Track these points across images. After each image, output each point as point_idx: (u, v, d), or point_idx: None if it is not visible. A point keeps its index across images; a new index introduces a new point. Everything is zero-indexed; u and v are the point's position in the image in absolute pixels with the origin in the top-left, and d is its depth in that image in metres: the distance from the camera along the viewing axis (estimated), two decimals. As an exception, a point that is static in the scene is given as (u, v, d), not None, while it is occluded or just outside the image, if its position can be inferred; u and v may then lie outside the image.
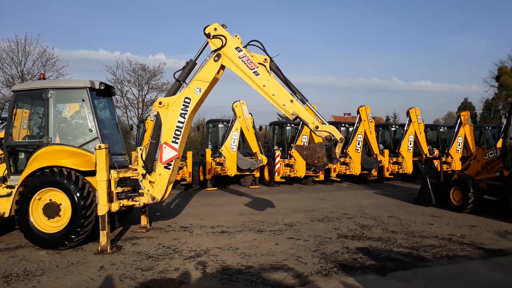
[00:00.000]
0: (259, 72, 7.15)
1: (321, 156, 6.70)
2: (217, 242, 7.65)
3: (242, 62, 7.20)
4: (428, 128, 21.54)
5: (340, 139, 6.84)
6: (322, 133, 6.88)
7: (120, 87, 38.85)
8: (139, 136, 18.47)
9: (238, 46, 7.25)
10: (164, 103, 7.40)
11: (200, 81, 7.37)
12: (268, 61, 7.27)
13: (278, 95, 7.07)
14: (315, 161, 6.77)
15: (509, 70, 45.42)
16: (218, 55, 7.27)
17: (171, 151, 7.40)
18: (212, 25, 7.32)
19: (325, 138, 6.83)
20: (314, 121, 7.00)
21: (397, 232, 8.42)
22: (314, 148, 6.77)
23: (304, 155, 6.87)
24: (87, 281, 5.49)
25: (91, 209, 7.09)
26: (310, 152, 6.79)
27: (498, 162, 10.88)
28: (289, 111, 7.02)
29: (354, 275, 5.64)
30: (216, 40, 7.28)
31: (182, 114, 7.37)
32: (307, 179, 18.67)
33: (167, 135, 7.40)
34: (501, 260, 6.45)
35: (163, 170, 7.48)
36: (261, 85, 7.12)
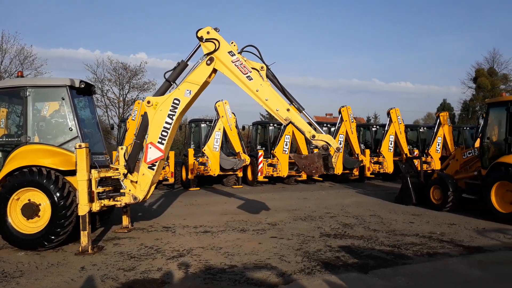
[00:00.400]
0: (252, 76, 7.10)
1: (319, 166, 6.70)
2: (200, 242, 7.61)
3: (235, 66, 7.14)
4: (408, 128, 21.86)
5: (337, 149, 6.84)
6: (318, 142, 6.87)
7: (101, 86, 38.35)
8: (120, 136, 18.23)
9: (231, 50, 7.19)
10: (153, 103, 7.29)
11: (191, 84, 7.28)
12: (265, 69, 7.23)
13: (271, 100, 7.05)
14: (313, 171, 6.77)
15: (486, 72, 46.48)
16: (211, 59, 7.19)
17: (156, 151, 7.31)
18: (204, 29, 7.24)
19: (321, 147, 6.82)
20: (310, 130, 6.98)
21: (379, 231, 8.52)
22: (312, 158, 6.76)
23: (302, 164, 6.85)
24: (67, 282, 5.39)
25: (72, 209, 6.96)
26: (308, 162, 6.78)
27: (476, 161, 11.12)
28: (282, 116, 7.00)
29: (337, 273, 5.68)
30: (209, 44, 7.21)
31: (170, 115, 7.27)
32: (290, 178, 18.73)
33: (153, 135, 7.29)
34: (479, 257, 6.59)
35: (147, 170, 7.39)
36: (254, 89, 7.08)
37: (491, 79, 45.23)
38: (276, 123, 19.75)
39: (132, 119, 15.94)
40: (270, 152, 18.19)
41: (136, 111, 15.94)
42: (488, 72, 46.41)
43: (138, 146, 7.85)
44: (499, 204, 9.51)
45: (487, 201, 9.66)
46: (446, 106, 51.23)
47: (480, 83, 45.43)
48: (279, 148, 17.53)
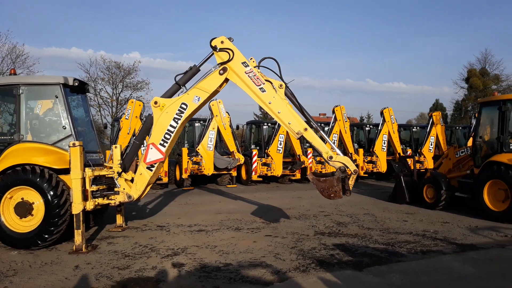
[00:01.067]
0: (265, 88, 7.07)
1: (337, 190, 6.66)
2: (194, 240, 7.60)
3: (249, 77, 7.10)
4: (401, 128, 22.00)
5: (354, 171, 6.81)
6: (336, 163, 6.85)
7: (94, 85, 38.20)
8: (114, 135, 18.15)
9: (245, 61, 7.14)
10: (160, 104, 7.22)
11: (201, 91, 7.22)
12: (284, 87, 7.20)
13: (283, 113, 7.02)
14: (332, 195, 6.71)
15: (478, 72, 46.86)
16: (224, 69, 7.13)
17: (157, 153, 7.27)
18: (218, 38, 7.17)
19: (339, 169, 6.80)
20: (328, 151, 6.95)
21: (373, 229, 8.56)
22: (331, 182, 6.70)
23: (321, 188, 6.79)
24: (61, 281, 5.36)
25: (65, 207, 6.93)
26: (327, 186, 6.72)
27: (468, 160, 11.21)
28: (294, 130, 6.98)
29: (332, 271, 5.70)
30: (223, 54, 7.14)
31: (175, 119, 7.21)
32: (284, 178, 18.77)
33: (156, 137, 7.24)
34: (472, 254, 6.65)
35: (145, 170, 7.35)
36: (267, 102, 7.04)
37: (483, 79, 45.65)
38: (270, 122, 19.77)
39: (126, 118, 15.86)
40: (264, 152, 18.21)
41: (130, 110, 15.88)
42: (480, 73, 46.80)
43: (137, 147, 7.86)
44: (491, 203, 9.60)
45: (480, 199, 9.74)
46: (439, 106, 51.57)
47: (472, 83, 45.83)
48: (273, 148, 17.55)
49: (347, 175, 6.80)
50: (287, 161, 18.49)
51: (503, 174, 9.35)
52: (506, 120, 9.82)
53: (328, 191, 6.74)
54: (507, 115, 9.82)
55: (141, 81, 40.26)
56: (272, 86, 7.14)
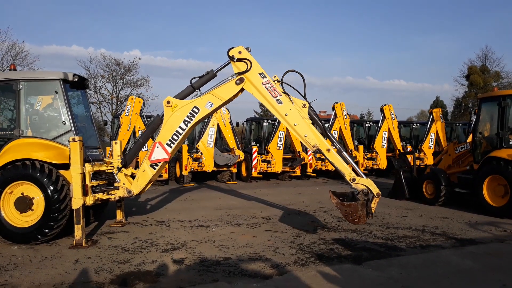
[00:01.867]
0: (282, 100, 7.04)
1: (362, 216, 6.61)
2: (194, 235, 7.62)
3: (266, 88, 7.07)
4: (401, 124, 21.99)
5: (377, 194, 6.78)
6: (358, 186, 6.84)
7: (94, 82, 38.17)
8: (114, 132, 18.16)
9: (262, 72, 7.11)
10: (172, 104, 7.19)
11: (215, 97, 7.18)
12: (307, 107, 7.18)
13: (300, 125, 6.99)
14: (356, 220, 6.67)
15: (478, 69, 46.78)
16: (241, 79, 7.07)
17: (162, 152, 7.27)
18: (236, 48, 7.13)
19: (361, 191, 6.79)
20: (350, 173, 6.93)
21: (372, 224, 8.57)
22: (355, 207, 6.64)
23: (345, 212, 6.75)
24: (61, 275, 5.39)
25: (65, 202, 6.95)
26: (351, 211, 6.67)
27: (468, 156, 11.22)
28: (310, 143, 6.94)
29: (331, 265, 5.72)
30: (240, 64, 7.08)
31: (185, 121, 7.19)
32: (284, 174, 18.77)
33: (164, 136, 7.24)
34: (471, 249, 6.66)
35: (149, 168, 7.36)
36: (283, 114, 7.03)
37: (483, 76, 45.57)
38: (270, 119, 19.76)
39: (126, 114, 15.85)
40: (264, 148, 18.21)
41: (130, 106, 15.87)
42: (481, 70, 46.72)
43: (140, 145, 7.88)
44: (490, 198, 9.61)
45: (479, 195, 9.75)
46: (439, 103, 51.59)
47: (472, 81, 45.75)
48: (273, 144, 17.55)
49: (370, 198, 6.75)
50: (287, 158, 18.49)
51: (502, 170, 9.35)
52: (506, 115, 9.82)
53: (352, 216, 6.67)
54: (507, 110, 9.82)
55: (141, 78, 40.29)
56: (289, 98, 7.12)
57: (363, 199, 6.74)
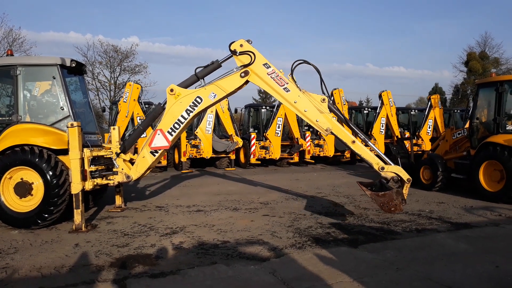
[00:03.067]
0: (289, 88, 7.01)
1: (398, 203, 6.59)
2: (193, 220, 7.70)
3: (271, 78, 7.03)
4: (399, 111, 21.99)
5: (408, 180, 6.79)
6: (388, 174, 6.85)
7: (92, 69, 37.96)
8: (112, 118, 18.16)
9: (266, 63, 7.06)
10: (176, 92, 7.17)
11: (219, 88, 7.15)
12: (326, 101, 7.15)
13: (310, 111, 6.97)
14: (392, 208, 6.66)
15: (477, 55, 46.63)
16: (246, 72, 7.02)
17: (163, 140, 7.28)
18: (237, 42, 7.06)
19: (392, 179, 6.79)
20: (379, 162, 6.94)
21: (369, 209, 8.66)
22: (390, 196, 6.62)
23: (380, 203, 6.73)
24: (62, 258, 5.46)
25: (64, 187, 7.00)
26: (386, 200, 6.65)
27: (465, 142, 11.28)
28: (323, 127, 6.93)
29: (327, 247, 5.81)
30: (243, 57, 7.02)
31: (187, 111, 7.17)
32: (282, 161, 18.83)
33: (165, 124, 7.24)
34: (466, 232, 6.76)
35: (149, 154, 7.40)
36: (292, 101, 7.00)
37: (482, 63, 45.46)
38: (268, 105, 19.75)
39: (124, 101, 15.83)
40: (263, 135, 18.25)
41: (128, 93, 15.83)
42: (480, 56, 46.58)
43: (140, 132, 7.92)
44: (486, 183, 9.70)
45: (475, 180, 9.84)
46: (438, 90, 51.50)
47: (471, 67, 45.64)
48: (271, 131, 17.58)
49: (401, 185, 6.74)
50: (286, 144, 18.53)
51: (499, 155, 9.42)
52: (503, 101, 9.86)
53: (388, 205, 6.67)
54: (504, 96, 9.85)
55: (139, 64, 40.06)
56: (296, 85, 7.10)
57: (395, 186, 6.73)
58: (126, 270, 4.98)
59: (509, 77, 10.86)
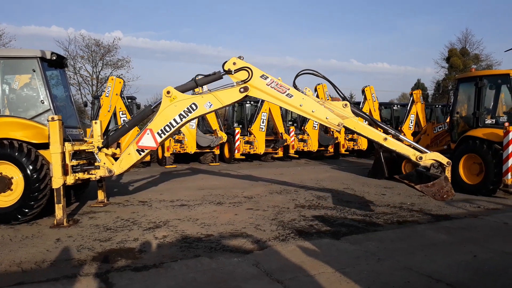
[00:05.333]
0: (291, 93, 6.97)
1: (448, 189, 6.53)
2: (176, 214, 7.67)
3: (272, 88, 6.98)
4: (382, 106, 22.24)
5: (447, 163, 6.78)
6: (427, 162, 6.82)
7: (73, 63, 37.40)
8: (94, 113, 17.93)
9: (263, 74, 7.01)
10: (172, 95, 7.08)
11: (216, 99, 7.07)
12: (348, 106, 7.14)
13: (317, 110, 6.93)
14: (444, 196, 6.58)
15: (458, 52, 47.38)
16: (246, 88, 6.95)
17: (151, 140, 7.21)
18: (229, 61, 7.00)
19: (431, 166, 6.77)
20: (415, 153, 6.91)
21: (352, 202, 8.76)
22: (440, 184, 6.53)
23: (432, 193, 6.63)
24: (43, 253, 5.39)
25: (45, 182, 6.90)
26: (437, 189, 6.56)
27: (446, 136, 11.51)
28: (334, 122, 6.89)
29: (310, 239, 5.86)
30: (239, 74, 6.97)
31: (181, 115, 7.10)
32: (267, 156, 18.90)
33: (156, 124, 7.16)
34: (446, 224, 6.90)
35: (134, 152, 7.33)
36: (298, 105, 6.97)
37: (463, 59, 46.20)
38: (252, 100, 19.74)
39: (106, 95, 15.64)
40: (247, 130, 18.25)
41: (110, 87, 15.64)
42: (461, 52, 47.35)
43: (125, 130, 7.86)
44: (466, 176, 9.90)
45: (455, 173, 10.01)
46: (420, 86, 52.13)
47: (452, 63, 46.36)
48: (256, 126, 17.60)
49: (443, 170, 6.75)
50: (270, 139, 18.59)
51: (478, 149, 9.61)
52: (482, 96, 10.06)
53: (440, 193, 6.60)
54: (483, 91, 10.05)
55: (121, 59, 39.62)
56: (296, 88, 7.13)
57: (437, 172, 6.72)
58: (109, 264, 4.95)
59: (488, 72, 11.11)
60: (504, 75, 9.93)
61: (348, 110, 7.15)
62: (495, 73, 10.69)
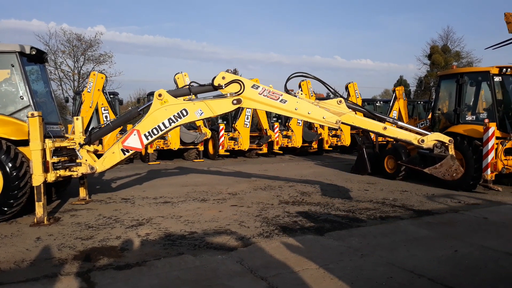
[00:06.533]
0: (285, 99, 6.93)
1: (457, 167, 6.51)
2: (159, 211, 7.61)
3: (265, 96, 6.93)
4: (365, 102, 22.44)
5: (449, 141, 6.81)
6: (429, 143, 6.83)
7: (54, 58, 36.68)
8: (76, 109, 17.66)
9: (254, 84, 6.96)
10: (163, 98, 6.98)
11: (208, 108, 6.98)
12: (343, 102, 7.17)
13: (313, 112, 6.93)
14: (454, 174, 6.57)
15: (440, 49, 48.02)
16: (238, 100, 6.89)
17: (137, 141, 7.10)
18: (218, 76, 6.96)
19: (434, 146, 6.77)
20: (416, 136, 6.91)
21: (335, 198, 8.82)
22: (447, 163, 6.51)
23: (442, 174, 6.62)
24: (22, 252, 5.29)
25: (25, 179, 6.76)
26: (445, 169, 6.56)
27: (427, 132, 11.61)
28: (331, 121, 6.89)
29: (294, 236, 5.88)
30: (230, 87, 6.93)
31: (170, 120, 7.00)
32: (251, 152, 18.89)
33: (144, 126, 7.06)
34: (427, 219, 6.99)
35: (119, 151, 7.23)
36: (293, 109, 6.94)
37: (444, 56, 46.84)
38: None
39: (88, 91, 15.41)
40: (231, 126, 18.20)
41: (92, 83, 15.42)
42: (442, 49, 47.97)
43: (109, 129, 7.76)
44: (447, 172, 10.03)
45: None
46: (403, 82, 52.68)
47: (434, 60, 46.96)
48: (240, 122, 17.55)
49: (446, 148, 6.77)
50: (254, 136, 18.58)
51: (459, 145, 9.74)
52: (463, 92, 10.21)
53: (449, 172, 6.60)
54: (464, 87, 10.21)
55: (103, 54, 39.04)
56: (287, 92, 7.15)
57: (441, 151, 6.72)
58: (90, 262, 4.88)
59: (469, 69, 11.27)
60: (484, 72, 10.10)
61: (343, 106, 7.19)
62: (475, 70, 10.86)
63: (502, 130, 9.56)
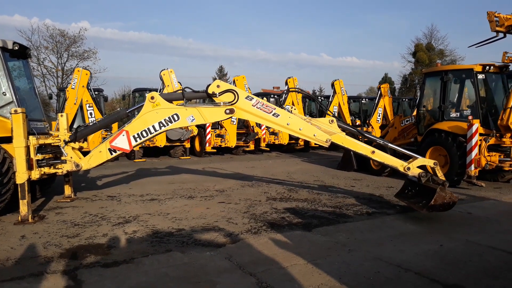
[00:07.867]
0: (278, 112, 6.90)
1: (450, 196, 6.50)
2: (146, 209, 7.55)
3: (258, 108, 6.87)
4: (351, 99, 22.61)
5: (434, 163, 6.89)
6: (415, 171, 6.88)
7: (37, 54, 36.06)
8: (60, 106, 17.41)
9: (248, 95, 6.91)
10: (156, 101, 6.83)
11: (200, 114, 6.86)
12: (335, 121, 7.32)
13: (305, 128, 6.93)
14: (450, 203, 6.54)
15: (424, 47, 48.60)
16: (231, 110, 6.79)
17: (125, 142, 6.96)
18: (213, 84, 6.86)
19: (419, 176, 6.84)
20: (403, 163, 6.94)
21: (322, 194, 8.87)
22: (440, 196, 6.46)
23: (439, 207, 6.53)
24: (6, 251, 5.19)
25: (8, 176, 6.64)
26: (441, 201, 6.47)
27: (413, 129, 11.79)
28: (322, 139, 6.93)
29: (282, 232, 5.90)
30: (224, 96, 6.84)
31: (160, 123, 6.86)
32: (238, 149, 18.86)
33: (134, 127, 6.92)
34: (413, 214, 7.07)
35: (106, 151, 7.09)
36: (285, 124, 6.91)
37: (428, 54, 47.43)
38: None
39: (72, 87, 15.19)
40: (218, 123, 18.11)
41: (76, 79, 15.20)
42: (426, 47, 48.57)
43: (95, 128, 7.68)
44: (432, 168, 10.17)
45: (422, 165, 10.28)
46: (388, 80, 53.26)
47: (418, 58, 47.53)
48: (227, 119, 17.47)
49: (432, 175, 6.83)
50: (241, 133, 18.56)
51: (443, 141, 9.91)
52: (447, 89, 10.35)
53: (444, 204, 6.55)
54: (448, 85, 10.35)
55: (87, 50, 38.52)
56: (281, 107, 7.17)
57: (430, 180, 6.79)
58: (77, 260, 4.81)
59: (453, 66, 11.43)
60: (468, 70, 10.25)
61: (334, 125, 7.28)
62: (460, 68, 11.01)
63: (486, 127, 9.73)
